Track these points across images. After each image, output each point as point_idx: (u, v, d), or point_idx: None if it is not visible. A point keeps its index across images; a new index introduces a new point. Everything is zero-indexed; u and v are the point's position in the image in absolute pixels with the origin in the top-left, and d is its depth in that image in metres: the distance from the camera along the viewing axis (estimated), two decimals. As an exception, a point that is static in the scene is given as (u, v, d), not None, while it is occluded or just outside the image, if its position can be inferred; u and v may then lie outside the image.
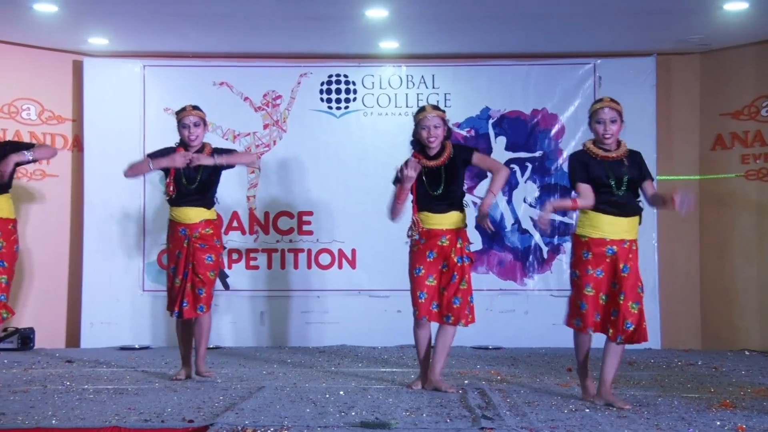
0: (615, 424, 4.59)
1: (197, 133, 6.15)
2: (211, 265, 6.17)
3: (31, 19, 7.51)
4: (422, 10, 7.38)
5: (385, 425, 4.43)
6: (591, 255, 5.26)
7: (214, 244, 6.20)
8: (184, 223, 6.14)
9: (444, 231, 5.72)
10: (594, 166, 5.29)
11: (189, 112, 6.18)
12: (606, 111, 5.31)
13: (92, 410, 4.95)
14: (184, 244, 6.14)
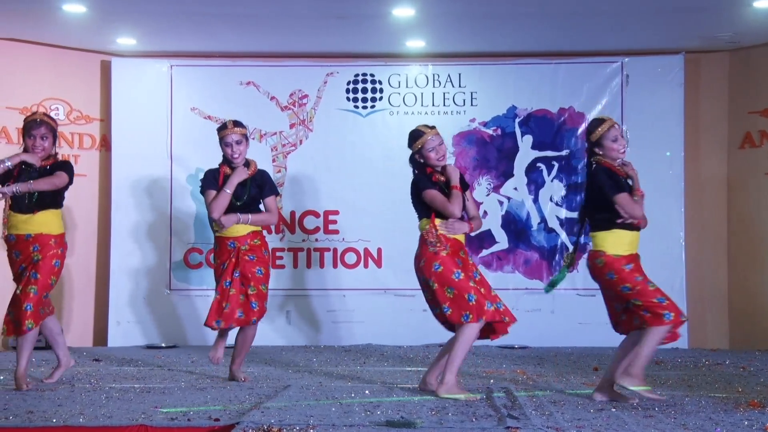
0: (642, 424, 4.56)
1: (240, 151, 6.11)
2: (261, 278, 6.13)
3: (60, 19, 7.57)
4: (449, 9, 7.37)
5: (410, 424, 4.42)
6: (633, 265, 5.30)
7: (263, 255, 6.17)
8: (233, 236, 6.11)
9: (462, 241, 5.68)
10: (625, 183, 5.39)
11: (231, 129, 6.09)
12: (617, 128, 5.46)
13: (119, 408, 4.98)
14: (231, 256, 6.10)
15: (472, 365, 7.07)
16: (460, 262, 5.60)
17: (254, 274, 6.11)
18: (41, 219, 5.83)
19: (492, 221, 8.64)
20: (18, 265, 5.87)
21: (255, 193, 6.17)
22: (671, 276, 8.44)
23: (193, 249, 8.67)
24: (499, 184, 8.69)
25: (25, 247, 5.82)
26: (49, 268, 5.84)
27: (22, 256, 5.84)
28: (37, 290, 5.78)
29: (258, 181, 6.20)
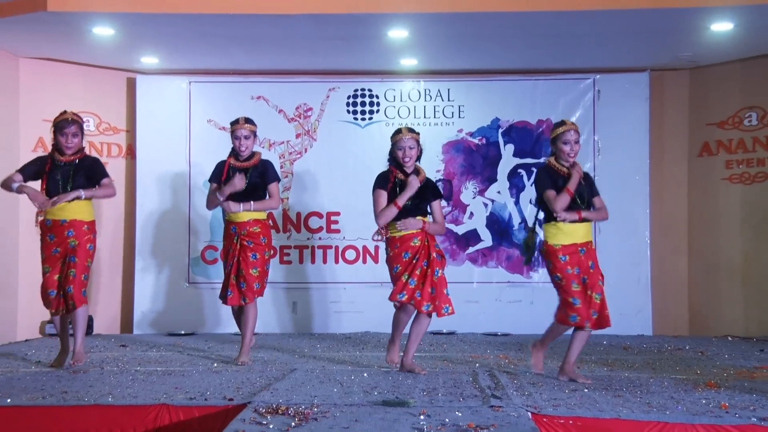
0: (611, 403, 4.58)
1: (247, 145, 6.12)
2: (254, 263, 6.10)
3: (91, 41, 7.57)
4: (439, 31, 7.38)
5: (404, 403, 4.43)
6: (569, 257, 5.35)
7: (260, 241, 6.13)
8: (235, 222, 6.12)
9: (414, 234, 5.71)
10: (560, 181, 5.39)
11: (242, 125, 6.13)
12: (571, 134, 5.41)
13: (143, 389, 4.98)
14: (234, 240, 6.12)
15: (459, 350, 7.08)
16: (407, 256, 5.67)
17: (248, 258, 6.07)
18: (75, 207, 5.90)
19: (477, 221, 8.66)
20: (51, 248, 5.90)
21: (256, 182, 6.12)
22: (638, 270, 8.46)
23: (210, 246, 8.67)
24: (484, 188, 8.70)
25: (60, 231, 5.88)
26: (84, 252, 5.91)
27: (57, 239, 5.88)
28: (76, 273, 5.85)
29: (260, 169, 6.15)
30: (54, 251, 5.89)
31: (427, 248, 5.71)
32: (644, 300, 8.44)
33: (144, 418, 4.47)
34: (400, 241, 5.73)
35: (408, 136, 5.71)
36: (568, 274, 5.35)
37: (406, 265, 5.69)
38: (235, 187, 6.04)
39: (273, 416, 4.13)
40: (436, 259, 5.69)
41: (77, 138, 5.96)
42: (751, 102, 8.38)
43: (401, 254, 5.71)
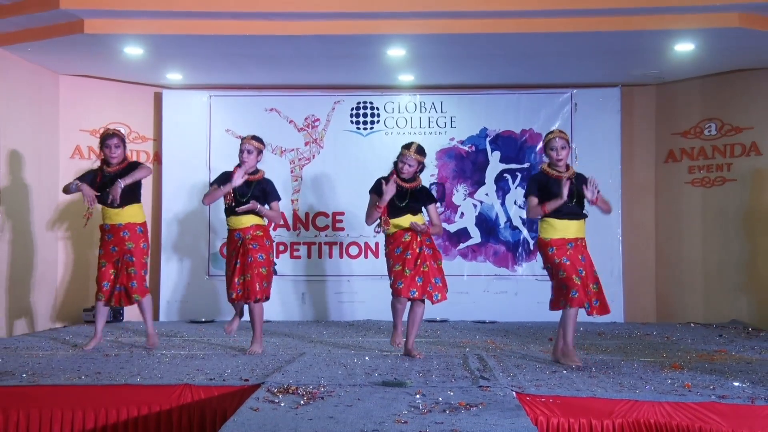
0: (587, 383, 4.57)
1: (248, 159, 5.99)
2: (262, 263, 6.00)
3: (122, 60, 7.55)
4: (433, 50, 7.36)
5: (401, 384, 4.42)
6: (556, 249, 5.35)
7: (264, 243, 6.02)
8: (239, 228, 6.00)
9: (404, 230, 5.73)
10: (551, 183, 5.41)
11: (248, 141, 6.02)
12: (557, 141, 5.45)
13: (168, 371, 4.98)
14: (238, 245, 6.00)
15: (451, 336, 7.07)
16: (399, 250, 5.72)
17: (256, 258, 5.95)
18: (129, 212, 6.07)
19: (468, 220, 8.64)
20: (109, 246, 6.09)
21: (257, 195, 5.99)
22: (611, 264, 8.44)
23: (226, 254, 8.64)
24: (474, 190, 8.69)
25: (117, 233, 6.05)
26: (140, 251, 6.10)
27: (114, 239, 6.06)
28: (136, 270, 6.05)
29: (262, 185, 6.03)
30: (112, 249, 6.06)
31: (419, 243, 5.72)
32: (616, 290, 8.42)
33: (169, 397, 4.47)
34: (393, 237, 5.80)
35: (412, 155, 5.72)
36: (556, 263, 5.33)
37: (398, 259, 5.74)
38: (233, 183, 5.88)
39: (284, 395, 4.13)
40: (426, 253, 5.71)
41: (119, 149, 6.07)
42: (711, 114, 8.36)
43: (394, 250, 5.78)
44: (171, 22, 6.70)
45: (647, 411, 4.16)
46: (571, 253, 5.35)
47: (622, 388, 4.43)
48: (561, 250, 5.35)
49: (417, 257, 5.67)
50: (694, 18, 6.57)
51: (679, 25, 6.64)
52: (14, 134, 7.32)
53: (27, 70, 7.54)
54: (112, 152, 6.03)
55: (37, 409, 4.44)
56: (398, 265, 5.68)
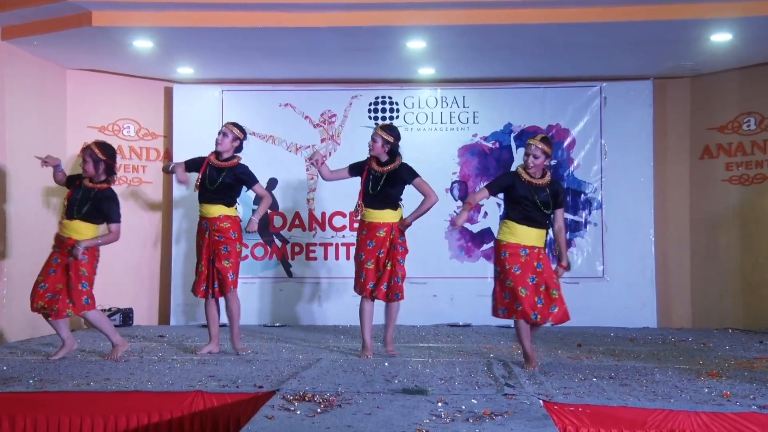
0: (618, 392, 4.53)
1: (221, 141, 6.06)
2: (226, 255, 5.98)
3: (131, 53, 7.60)
4: (454, 42, 7.35)
5: (423, 391, 4.41)
6: (509, 254, 5.45)
7: (230, 236, 6.00)
8: (206, 217, 6.03)
9: (381, 224, 5.91)
10: (520, 186, 5.49)
11: (227, 124, 6.15)
12: (532, 147, 5.49)
13: (179, 377, 5.00)
14: (205, 235, 6.03)
15: (474, 342, 7.05)
16: (371, 244, 5.87)
17: (220, 251, 5.98)
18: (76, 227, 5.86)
19: (492, 220, 8.59)
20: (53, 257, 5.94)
21: (230, 181, 6.02)
22: (642, 266, 8.39)
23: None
24: (482, 187, 8.67)
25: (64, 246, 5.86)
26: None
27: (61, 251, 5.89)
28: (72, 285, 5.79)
29: (235, 171, 6.03)
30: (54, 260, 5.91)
31: (391, 241, 5.90)
32: (649, 294, 8.37)
33: (180, 404, 4.48)
34: (368, 227, 5.93)
35: (375, 130, 6.02)
36: (505, 269, 5.44)
37: (369, 254, 5.89)
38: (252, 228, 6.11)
39: (300, 403, 4.13)
40: (397, 250, 5.91)
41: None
42: (750, 108, 8.27)
43: (366, 242, 5.92)
44: (182, 14, 6.74)
45: (683, 421, 4.11)
46: (525, 261, 5.43)
47: (656, 397, 4.39)
48: (514, 257, 5.43)
49: (387, 256, 5.89)
50: (732, 6, 6.51)
51: (716, 14, 6.58)
52: (20, 131, 7.39)
53: (33, 64, 7.60)
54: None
55: (44, 415, 4.47)
56: (370, 262, 5.88)
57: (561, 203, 5.60)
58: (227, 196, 6.08)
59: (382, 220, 5.92)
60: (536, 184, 5.50)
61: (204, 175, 6.04)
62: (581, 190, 8.57)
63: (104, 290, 8.29)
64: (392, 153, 5.99)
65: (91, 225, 5.90)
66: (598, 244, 8.51)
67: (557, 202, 5.55)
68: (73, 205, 5.88)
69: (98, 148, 5.94)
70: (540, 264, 5.44)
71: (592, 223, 8.55)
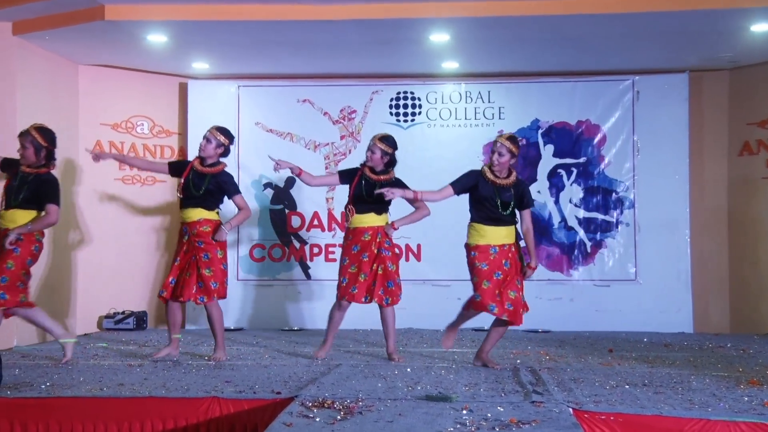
0: (652, 400, 4.49)
1: (204, 147, 6.07)
2: (207, 263, 5.98)
3: (145, 48, 7.66)
4: (479, 35, 7.33)
5: (447, 398, 4.40)
6: (478, 253, 5.65)
7: (209, 241, 5.99)
8: (186, 221, 6.04)
9: (366, 228, 6.04)
10: (483, 186, 5.65)
11: (211, 130, 6.14)
12: (498, 145, 5.65)
13: (195, 382, 5.03)
14: (184, 239, 6.05)
15: (500, 347, 7.02)
16: (356, 249, 6.02)
17: (201, 258, 5.98)
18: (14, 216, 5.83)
19: (518, 220, 8.58)
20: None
21: (212, 188, 6.04)
22: (678, 268, 8.33)
23: (257, 245, 8.73)
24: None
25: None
26: None
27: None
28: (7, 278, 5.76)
29: (219, 179, 6.06)
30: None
31: (378, 244, 6.02)
32: (684, 297, 8.30)
33: (196, 410, 4.50)
34: (353, 233, 6.08)
35: (375, 142, 6.07)
36: (475, 266, 5.63)
37: (353, 258, 6.02)
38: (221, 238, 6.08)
39: (319, 409, 4.13)
40: (384, 255, 6.03)
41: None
42: (792, 101, 8.19)
43: (351, 247, 6.06)
44: (196, 7, 6.78)
45: (721, 431, 4.06)
46: (494, 259, 5.61)
47: (692, 406, 4.34)
48: (483, 254, 5.64)
49: (374, 260, 5.99)
50: (773, -6, 6.44)
51: (756, 3, 6.51)
52: (31, 129, 7.44)
53: (45, 59, 7.68)
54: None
55: (56, 421, 4.51)
56: (354, 266, 6.01)
57: (528, 203, 5.78)
58: (208, 201, 6.07)
59: (366, 224, 6.05)
60: (500, 184, 5.66)
61: (187, 179, 6.03)
62: (612, 189, 8.52)
63: (118, 293, 8.41)
64: (390, 164, 6.11)
65: (29, 212, 5.81)
66: (630, 245, 8.46)
67: (523, 203, 5.74)
68: (10, 194, 5.83)
69: (39, 133, 5.91)
70: (507, 262, 5.65)
71: (623, 223, 8.49)
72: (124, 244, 8.47)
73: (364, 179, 6.07)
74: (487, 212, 5.66)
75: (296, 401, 4.33)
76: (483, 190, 5.65)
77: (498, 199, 5.62)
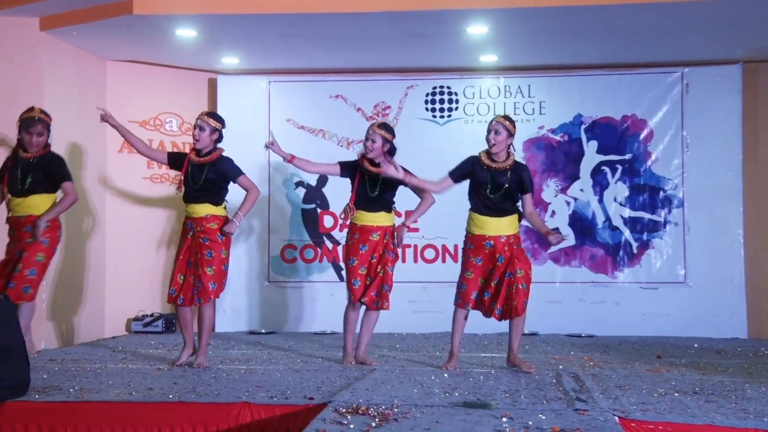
0: (704, 408, 4.43)
1: (200, 136, 5.98)
2: (209, 261, 5.91)
3: (173, 43, 7.73)
4: (519, 26, 7.29)
5: (486, 405, 4.38)
6: (473, 246, 5.76)
7: (216, 239, 5.92)
8: (191, 216, 5.97)
9: (375, 228, 6.02)
10: (480, 172, 5.74)
11: (202, 116, 6.06)
12: (494, 123, 5.77)
13: (226, 387, 5.06)
14: (189, 236, 5.97)
15: (542, 352, 6.98)
16: (364, 248, 6.01)
17: (204, 256, 5.90)
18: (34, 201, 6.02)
19: (560, 220, 8.52)
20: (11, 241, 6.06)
21: (212, 178, 5.96)
22: (731, 270, 8.22)
23: (289, 245, 8.77)
24: (566, 186, 8.57)
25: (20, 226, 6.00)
26: None
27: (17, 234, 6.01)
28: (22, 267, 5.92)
29: (218, 166, 5.98)
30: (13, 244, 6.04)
31: (384, 245, 6.04)
32: (738, 301, 8.18)
33: (226, 416, 4.53)
34: (360, 231, 6.04)
35: (372, 130, 6.03)
36: (467, 260, 5.75)
37: (362, 258, 6.00)
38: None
39: (353, 416, 4.13)
40: (388, 257, 6.05)
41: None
42: None
43: (359, 246, 6.02)
44: (227, 0, 6.83)
45: (777, 442, 4.00)
46: (486, 253, 5.73)
47: (747, 415, 4.28)
48: (478, 249, 5.75)
49: (379, 262, 6.00)
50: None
51: (814, -11, 6.40)
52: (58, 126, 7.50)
53: (72, 55, 7.79)
54: (32, 140, 6.05)
55: (84, 426, 4.57)
56: (363, 268, 6.00)
57: (528, 188, 5.78)
58: (213, 194, 6.00)
59: (375, 223, 6.04)
60: (497, 168, 5.72)
61: (186, 174, 5.99)
62: (660, 187, 8.43)
63: (149, 295, 8.50)
64: (390, 152, 6.08)
65: (49, 196, 6.00)
66: (679, 245, 8.36)
67: (524, 187, 5.73)
68: (15, 181, 5.93)
69: (47, 116, 6.17)
70: (501, 257, 5.70)
71: (672, 223, 8.40)
72: (153, 245, 8.56)
73: (365, 175, 6.04)
74: (483, 200, 5.73)
75: (329, 407, 4.33)
76: (479, 176, 5.72)
77: (489, 184, 5.68)
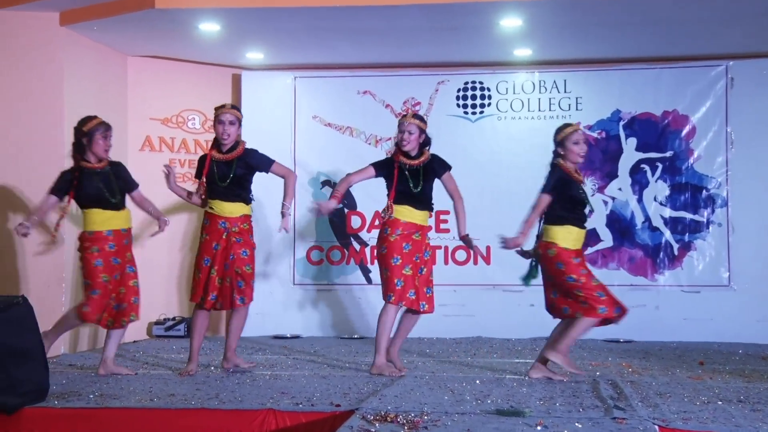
0: (749, 418, 4.38)
1: (230, 132, 5.96)
2: (246, 260, 5.98)
3: (197, 38, 7.79)
4: (555, 19, 7.26)
5: (519, 413, 4.36)
6: (579, 260, 5.70)
7: (248, 239, 6.03)
8: (225, 216, 5.97)
9: (418, 227, 5.99)
10: (574, 187, 5.73)
11: (226, 109, 6.02)
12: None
13: (249, 393, 5.09)
14: (223, 236, 5.96)
15: (578, 357, 6.93)
16: (407, 247, 5.91)
17: (239, 255, 5.96)
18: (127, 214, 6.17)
19: (597, 220, 8.43)
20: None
21: (241, 173, 5.97)
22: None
23: (315, 247, 8.79)
24: (604, 184, 8.51)
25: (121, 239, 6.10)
26: None
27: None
28: None
29: (246, 159, 5.99)
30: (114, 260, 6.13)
31: (427, 245, 6.06)
32: (786, 306, 8.09)
33: (250, 423, 4.55)
34: (404, 227, 5.95)
35: (407, 121, 5.97)
36: (582, 273, 5.63)
37: (406, 258, 5.92)
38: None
39: (381, 423, 4.14)
40: (426, 258, 6.05)
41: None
42: None
43: (402, 244, 5.92)
44: (251, -7, 6.88)
45: (826, 454, 3.95)
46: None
47: (795, 426, 4.22)
48: (583, 259, 5.74)
49: (422, 262, 5.99)
50: None
51: None
52: (80, 122, 7.65)
53: (93, 50, 7.87)
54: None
55: (105, 432, 4.62)
56: (408, 267, 5.91)
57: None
58: (244, 191, 6.04)
59: (419, 221, 5.99)
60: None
61: (211, 173, 5.97)
62: (703, 186, 8.35)
63: (170, 298, 8.57)
64: (425, 143, 6.05)
65: (126, 211, 6.13)
66: (722, 247, 8.27)
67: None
68: (103, 194, 5.93)
69: None
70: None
71: (715, 224, 8.32)
72: (175, 247, 8.63)
73: (405, 170, 5.96)
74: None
75: (357, 414, 4.34)
76: (574, 190, 5.70)
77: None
